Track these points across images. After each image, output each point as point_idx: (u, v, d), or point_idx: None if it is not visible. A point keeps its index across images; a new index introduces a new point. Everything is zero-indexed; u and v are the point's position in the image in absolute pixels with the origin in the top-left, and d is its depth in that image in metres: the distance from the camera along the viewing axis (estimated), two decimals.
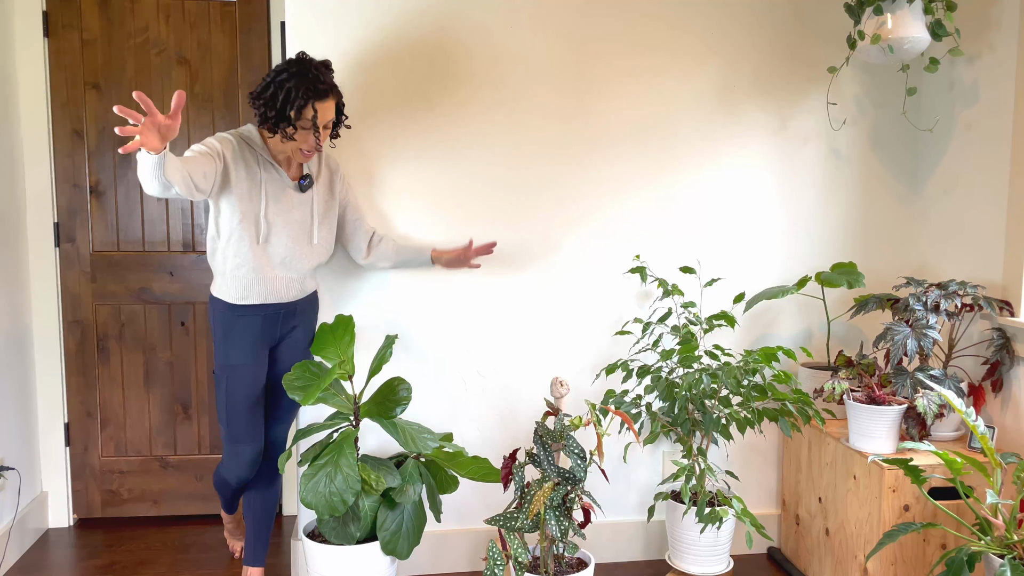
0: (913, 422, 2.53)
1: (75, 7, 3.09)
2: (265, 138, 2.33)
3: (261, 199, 2.28)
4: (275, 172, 2.31)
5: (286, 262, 2.37)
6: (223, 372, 2.37)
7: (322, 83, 2.20)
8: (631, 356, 2.90)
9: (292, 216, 2.35)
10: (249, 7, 3.18)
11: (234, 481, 2.51)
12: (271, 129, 2.23)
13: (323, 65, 2.24)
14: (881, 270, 3.02)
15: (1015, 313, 2.54)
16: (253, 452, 2.45)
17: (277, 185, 2.32)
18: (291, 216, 2.35)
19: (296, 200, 2.36)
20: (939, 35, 2.56)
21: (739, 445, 3.01)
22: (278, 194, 2.32)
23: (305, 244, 2.39)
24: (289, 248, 2.35)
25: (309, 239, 2.40)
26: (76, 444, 3.25)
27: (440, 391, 2.81)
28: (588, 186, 2.81)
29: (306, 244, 2.39)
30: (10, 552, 2.89)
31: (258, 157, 2.30)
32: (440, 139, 2.72)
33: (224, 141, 2.25)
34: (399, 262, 2.59)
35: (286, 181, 2.33)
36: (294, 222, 2.36)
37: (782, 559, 2.97)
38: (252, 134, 2.31)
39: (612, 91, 2.79)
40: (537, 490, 2.21)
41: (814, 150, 2.93)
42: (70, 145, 3.13)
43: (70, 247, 3.18)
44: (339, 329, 2.48)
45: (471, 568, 2.89)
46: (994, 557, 1.92)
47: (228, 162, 2.23)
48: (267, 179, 2.30)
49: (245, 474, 2.48)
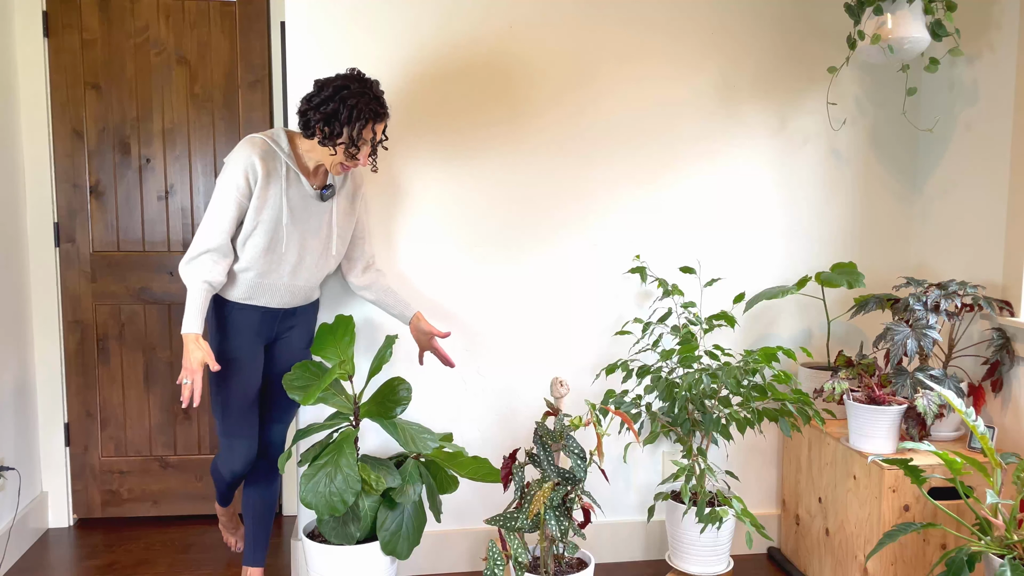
0: (913, 422, 2.53)
1: (75, 7, 3.09)
2: (294, 145, 2.30)
3: (282, 208, 2.26)
4: (298, 180, 2.28)
5: (296, 270, 2.35)
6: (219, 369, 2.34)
7: (383, 106, 2.21)
8: (631, 356, 2.90)
9: (309, 225, 2.33)
10: (249, 7, 3.18)
11: (227, 475, 2.49)
12: (322, 142, 2.20)
13: (379, 86, 2.24)
14: (881, 270, 3.02)
15: (1015, 313, 2.54)
16: (247, 447, 2.43)
17: (299, 194, 2.29)
18: (308, 225, 2.33)
19: (315, 209, 2.33)
20: (939, 35, 2.56)
21: (739, 445, 3.01)
22: (298, 203, 2.29)
23: (319, 253, 2.38)
24: (301, 256, 2.34)
25: (325, 249, 2.38)
26: (76, 444, 3.25)
27: (440, 391, 2.82)
28: (588, 186, 2.81)
29: (320, 253, 2.38)
30: (10, 552, 2.89)
31: (283, 164, 2.26)
32: (440, 139, 2.72)
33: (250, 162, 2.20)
34: (381, 301, 2.56)
35: (308, 190, 2.30)
36: (310, 231, 2.33)
37: (782, 559, 2.97)
38: (281, 140, 2.27)
39: (612, 91, 2.79)
40: (537, 490, 2.21)
41: (814, 150, 2.93)
42: (70, 145, 3.14)
43: (70, 247, 3.18)
44: (339, 329, 2.48)
45: (471, 568, 2.89)
46: (994, 557, 1.92)
47: (255, 189, 2.22)
48: (289, 187, 2.27)
49: (239, 468, 2.46)
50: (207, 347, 2.18)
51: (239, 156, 2.21)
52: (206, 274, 2.21)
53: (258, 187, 2.22)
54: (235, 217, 2.23)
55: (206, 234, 2.22)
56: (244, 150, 2.22)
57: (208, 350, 2.18)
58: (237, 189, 2.21)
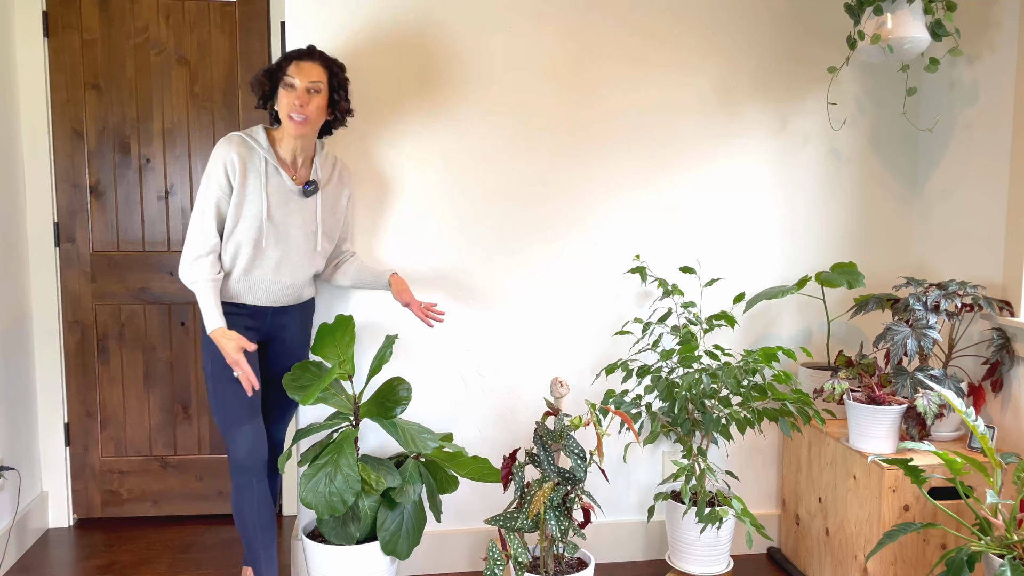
0: (913, 422, 2.53)
1: (75, 7, 3.09)
2: (272, 139, 2.33)
3: (262, 203, 2.27)
4: (278, 174, 2.31)
5: (280, 266, 2.35)
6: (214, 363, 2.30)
7: (302, 50, 2.29)
8: (631, 356, 2.90)
9: (292, 220, 2.34)
10: (249, 7, 3.18)
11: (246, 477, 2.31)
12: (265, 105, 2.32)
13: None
14: (881, 270, 3.02)
15: (1015, 313, 2.54)
16: (252, 433, 2.30)
17: (280, 189, 2.31)
18: (291, 220, 2.34)
19: (298, 205, 2.35)
20: (939, 35, 2.56)
21: (739, 445, 3.01)
22: (280, 198, 2.31)
23: (303, 250, 2.38)
24: (285, 252, 2.34)
25: (309, 246, 2.39)
26: (76, 444, 3.25)
27: (440, 391, 2.81)
28: (588, 186, 2.81)
29: (304, 250, 2.38)
30: (10, 552, 2.89)
31: (263, 160, 2.29)
32: (440, 141, 2.72)
33: (228, 158, 2.24)
34: (359, 282, 2.56)
35: (290, 185, 2.32)
36: (294, 226, 2.34)
37: (782, 559, 2.97)
38: (258, 135, 2.31)
39: (612, 90, 2.79)
40: (537, 490, 2.21)
41: (814, 150, 2.93)
42: (70, 145, 3.14)
43: (70, 247, 3.18)
44: (339, 329, 2.48)
45: (471, 568, 2.89)
46: (994, 557, 1.92)
47: (234, 184, 2.25)
48: (270, 183, 2.29)
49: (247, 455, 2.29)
50: (235, 334, 2.21)
51: (217, 154, 2.26)
52: (209, 273, 2.25)
53: (237, 182, 2.25)
54: (218, 215, 2.27)
55: (197, 238, 2.25)
56: (221, 148, 2.26)
57: (238, 336, 2.21)
58: (218, 187, 2.24)
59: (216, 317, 2.22)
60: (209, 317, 2.23)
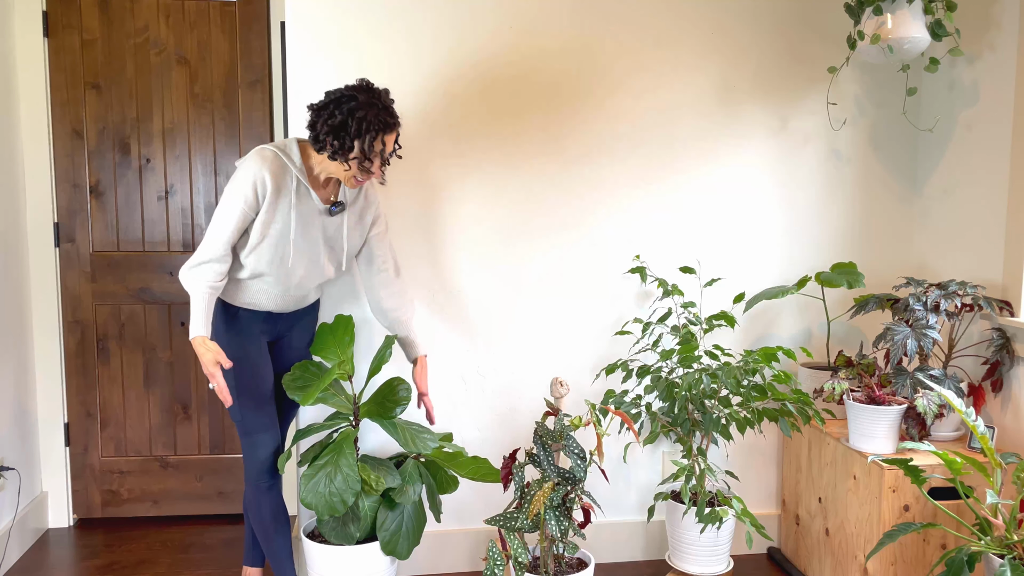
0: (913, 422, 2.53)
1: (75, 7, 3.09)
2: (306, 157, 2.26)
3: (290, 223, 2.24)
4: (308, 195, 2.25)
5: (302, 283, 2.34)
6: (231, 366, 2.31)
7: (393, 116, 2.17)
8: (631, 356, 2.90)
9: (317, 239, 2.30)
10: (249, 7, 3.18)
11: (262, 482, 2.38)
12: (332, 156, 2.17)
13: (389, 95, 2.20)
14: (881, 270, 3.02)
15: (1015, 313, 2.54)
16: (271, 440, 2.37)
17: (308, 209, 2.26)
18: (316, 239, 2.30)
19: (322, 224, 2.30)
20: (939, 35, 2.56)
21: (739, 445, 3.01)
22: (307, 218, 2.26)
23: (326, 267, 2.36)
24: (308, 270, 2.32)
25: (330, 263, 2.37)
26: (76, 444, 3.26)
27: (440, 391, 2.81)
28: (588, 186, 2.81)
29: (326, 268, 2.36)
30: (10, 552, 2.89)
31: (294, 178, 2.23)
32: (438, 140, 2.72)
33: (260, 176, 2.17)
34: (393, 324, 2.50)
35: (317, 204, 2.27)
36: (319, 246, 2.31)
37: (782, 559, 2.97)
38: (293, 153, 2.23)
39: (612, 91, 2.79)
40: (537, 490, 2.21)
41: (814, 150, 2.93)
42: (70, 145, 3.14)
43: (70, 247, 3.18)
44: (339, 329, 2.48)
45: (471, 568, 2.89)
46: (994, 557, 1.92)
47: (263, 204, 2.19)
48: (298, 203, 2.24)
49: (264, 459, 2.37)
50: (215, 347, 2.17)
51: (249, 168, 2.18)
52: (210, 280, 2.20)
53: (267, 202, 2.19)
54: (239, 228, 2.21)
55: (211, 244, 2.20)
56: (254, 164, 2.18)
57: (217, 349, 2.17)
58: (245, 202, 2.18)
59: (203, 325, 2.18)
60: (196, 323, 2.18)
